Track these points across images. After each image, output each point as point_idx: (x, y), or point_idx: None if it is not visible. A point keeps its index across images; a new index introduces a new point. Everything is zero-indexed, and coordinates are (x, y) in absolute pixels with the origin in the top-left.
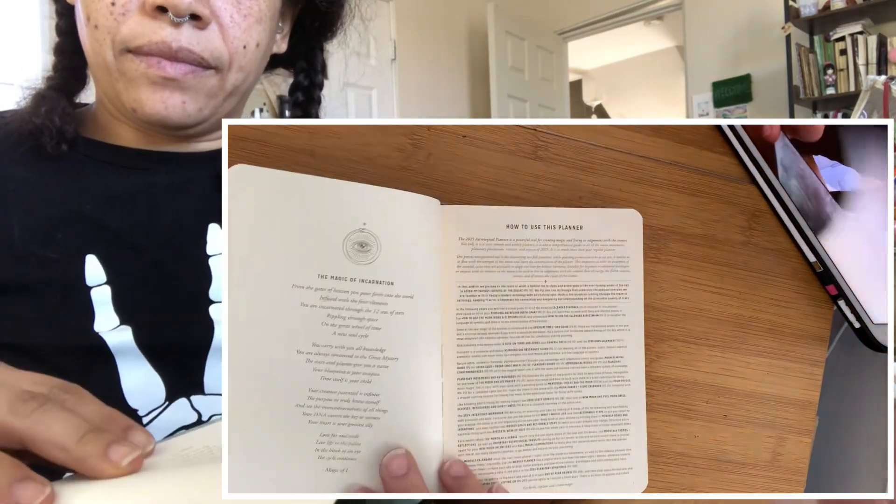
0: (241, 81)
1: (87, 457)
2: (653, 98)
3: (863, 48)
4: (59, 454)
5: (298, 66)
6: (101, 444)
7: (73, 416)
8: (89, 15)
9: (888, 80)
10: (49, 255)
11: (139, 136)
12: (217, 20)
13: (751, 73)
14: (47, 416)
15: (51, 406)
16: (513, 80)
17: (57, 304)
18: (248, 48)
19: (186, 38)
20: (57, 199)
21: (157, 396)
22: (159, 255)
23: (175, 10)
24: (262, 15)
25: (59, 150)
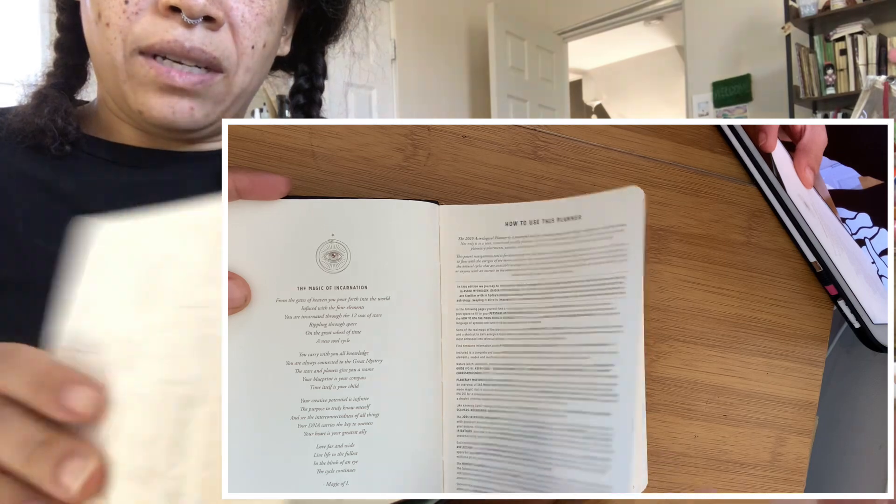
0: (247, 83)
1: (37, 481)
2: (653, 98)
3: (863, 48)
4: (14, 477)
5: (300, 68)
6: (48, 463)
7: (18, 426)
8: (101, 12)
9: (888, 80)
10: (52, 250)
11: (141, 136)
12: (229, 20)
13: (751, 73)
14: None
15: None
16: (513, 80)
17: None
18: (255, 48)
19: (199, 38)
20: (60, 196)
21: None
22: None
23: (189, 11)
24: (273, 16)
25: (62, 151)
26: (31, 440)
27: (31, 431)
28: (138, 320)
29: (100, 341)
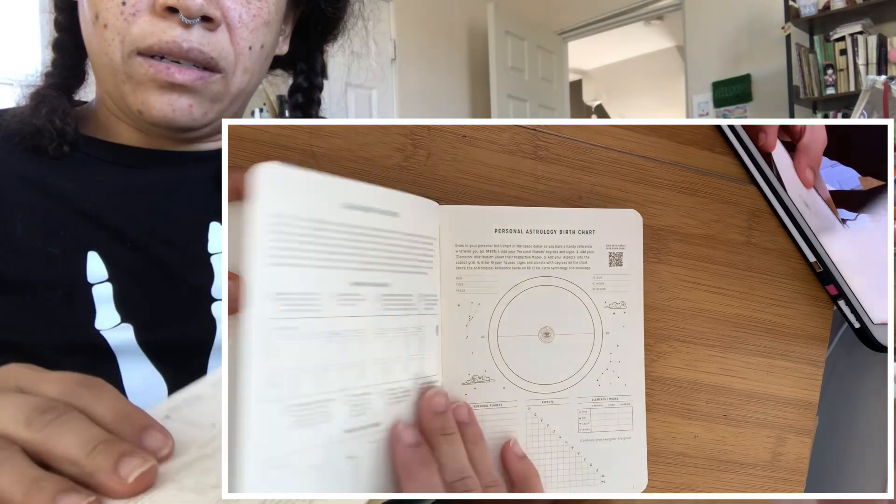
0: (245, 84)
1: (96, 471)
2: (653, 98)
3: (863, 48)
4: (70, 468)
5: (298, 67)
6: (111, 456)
7: (87, 426)
8: (98, 14)
9: (888, 80)
10: (51, 250)
11: (140, 136)
12: (226, 21)
13: (751, 73)
14: (61, 427)
15: (68, 416)
16: (513, 80)
17: (58, 300)
18: (253, 49)
19: (197, 38)
20: (58, 197)
21: (159, 396)
22: (161, 253)
23: (186, 11)
24: (270, 17)
25: (60, 151)
26: (97, 437)
27: (96, 432)
28: None
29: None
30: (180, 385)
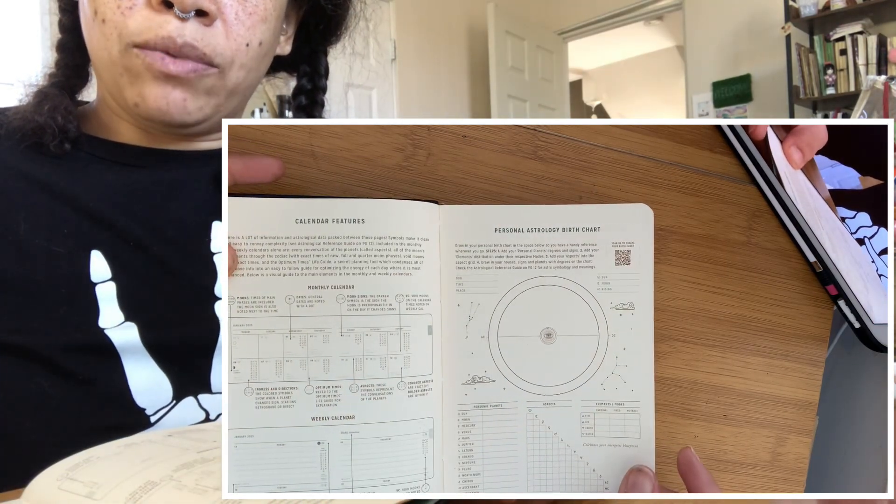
0: (241, 80)
1: None
2: (653, 98)
3: (863, 48)
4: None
5: (302, 69)
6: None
7: None
8: (96, 9)
9: (888, 80)
10: (54, 249)
11: (141, 135)
12: (222, 17)
13: (751, 73)
14: None
15: None
16: (513, 80)
17: (62, 299)
18: (250, 46)
19: (191, 33)
20: (61, 196)
21: (164, 395)
22: (163, 252)
23: (181, 5)
24: (268, 14)
25: (62, 149)
26: None
27: None
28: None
29: None
30: (185, 384)
